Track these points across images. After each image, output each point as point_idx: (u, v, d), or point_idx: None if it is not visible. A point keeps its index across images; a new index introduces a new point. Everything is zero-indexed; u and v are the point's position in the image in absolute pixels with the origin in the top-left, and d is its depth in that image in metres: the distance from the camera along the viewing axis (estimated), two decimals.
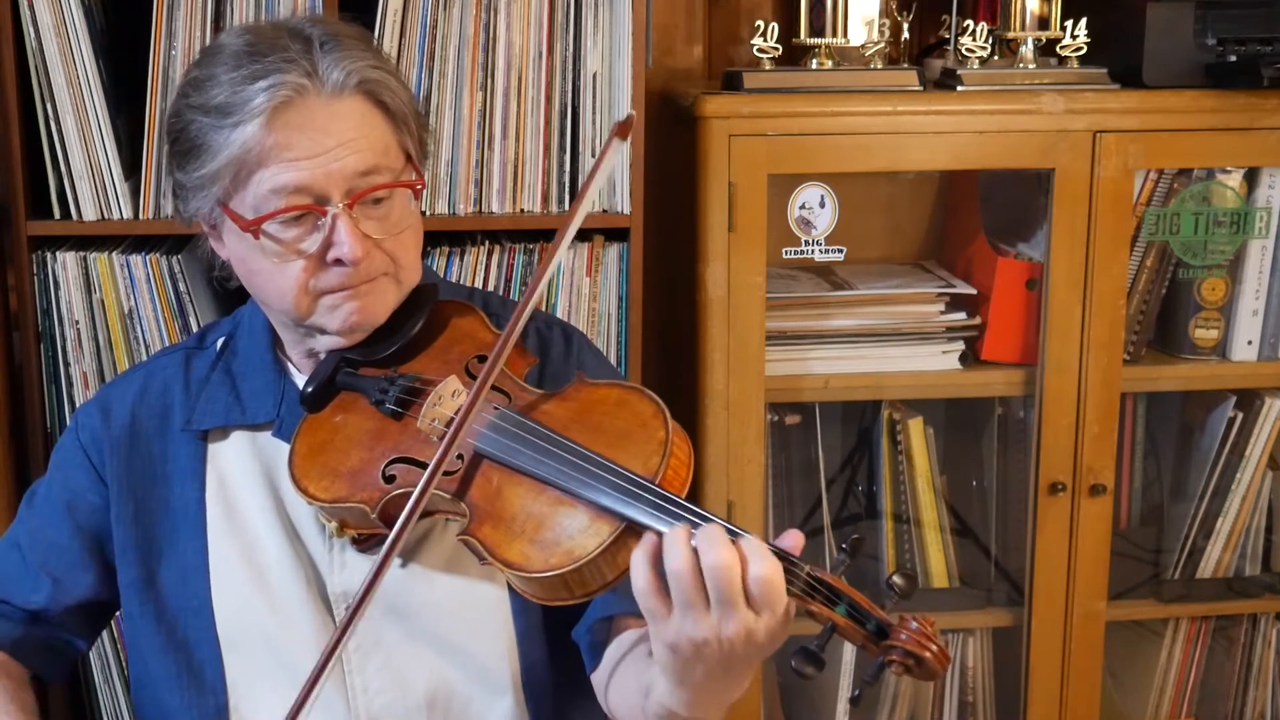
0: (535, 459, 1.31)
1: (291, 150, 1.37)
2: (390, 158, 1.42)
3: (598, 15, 2.05)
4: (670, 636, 1.21)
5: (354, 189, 1.39)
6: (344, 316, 1.43)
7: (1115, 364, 2.23)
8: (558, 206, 2.07)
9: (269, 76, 1.37)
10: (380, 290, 1.44)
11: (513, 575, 1.29)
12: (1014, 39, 2.23)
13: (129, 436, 1.55)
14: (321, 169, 1.37)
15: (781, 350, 2.24)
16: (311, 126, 1.37)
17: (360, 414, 1.44)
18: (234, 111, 1.37)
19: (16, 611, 1.55)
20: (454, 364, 1.45)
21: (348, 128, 1.39)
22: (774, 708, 2.46)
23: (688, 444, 1.32)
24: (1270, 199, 2.30)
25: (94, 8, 1.98)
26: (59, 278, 1.98)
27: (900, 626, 1.20)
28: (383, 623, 1.47)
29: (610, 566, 1.26)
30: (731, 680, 1.25)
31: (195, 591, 1.50)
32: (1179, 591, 2.43)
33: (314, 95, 1.38)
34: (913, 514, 2.36)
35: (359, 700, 1.47)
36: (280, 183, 1.37)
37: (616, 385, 1.39)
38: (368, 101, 1.41)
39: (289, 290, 1.42)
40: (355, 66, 1.40)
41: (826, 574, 1.21)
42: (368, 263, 1.41)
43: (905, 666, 1.20)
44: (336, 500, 1.40)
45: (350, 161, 1.38)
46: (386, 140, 1.42)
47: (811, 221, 2.19)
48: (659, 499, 1.24)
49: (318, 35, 1.41)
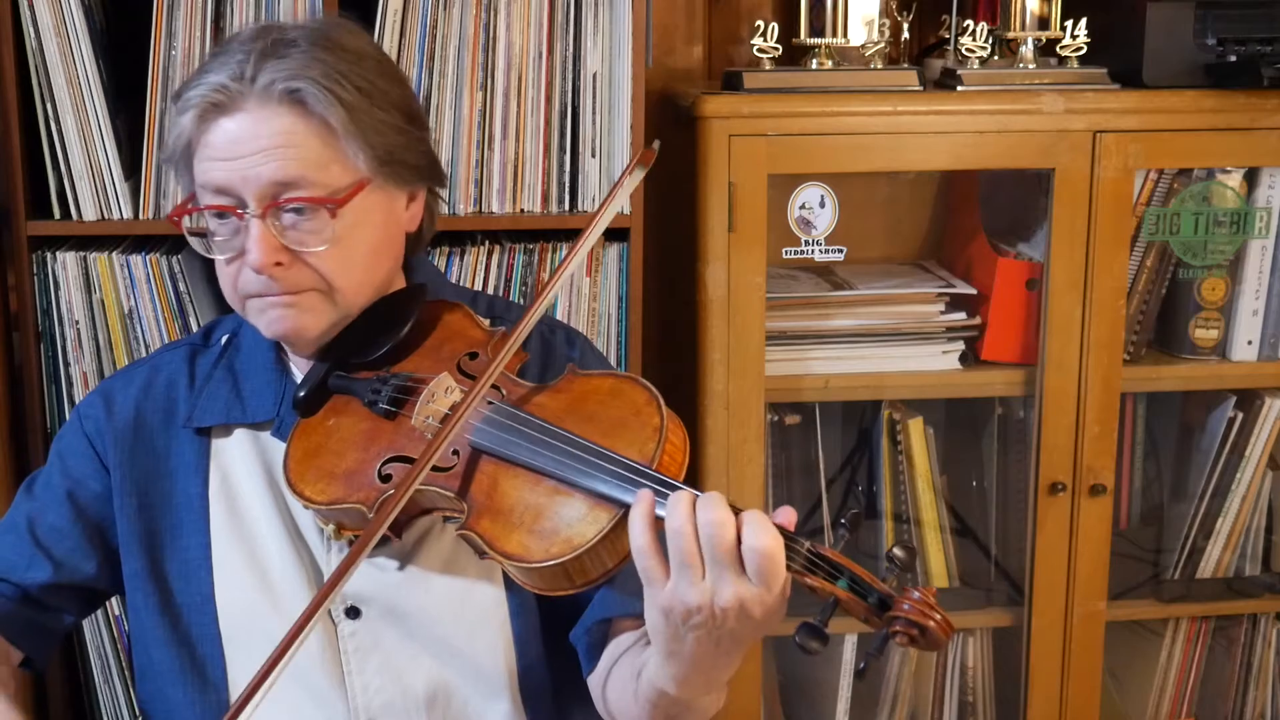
0: (531, 450, 1.32)
1: (211, 149, 1.40)
2: (326, 173, 1.40)
3: (598, 15, 2.05)
4: (664, 600, 1.21)
5: (268, 197, 1.39)
6: (269, 322, 1.44)
7: (1115, 364, 2.23)
8: (557, 207, 2.07)
9: (212, 74, 1.40)
10: (308, 306, 1.43)
11: (513, 567, 1.29)
12: (1014, 39, 2.23)
13: (133, 431, 1.55)
14: (237, 173, 1.38)
15: (781, 350, 2.24)
16: (232, 129, 1.39)
17: (354, 415, 1.44)
18: (182, 103, 1.41)
19: (13, 589, 1.53)
20: (446, 361, 1.45)
21: (272, 134, 1.38)
22: (774, 707, 2.46)
23: (683, 430, 1.33)
24: (1270, 199, 2.30)
25: (94, 8, 1.98)
26: (59, 278, 1.98)
27: (902, 597, 1.20)
28: (381, 623, 1.47)
29: (610, 553, 1.27)
30: (721, 656, 1.25)
31: (198, 587, 1.51)
32: (1179, 591, 2.43)
33: (240, 99, 1.39)
34: (913, 514, 2.36)
35: (358, 700, 1.47)
36: (205, 179, 1.41)
37: (609, 375, 1.40)
38: (296, 111, 1.39)
39: (226, 286, 1.46)
40: (288, 75, 1.38)
41: (826, 549, 1.21)
42: (287, 275, 1.40)
43: (909, 637, 1.19)
44: (333, 502, 1.40)
45: (266, 170, 1.38)
46: (320, 154, 1.39)
47: (811, 221, 2.19)
48: (657, 483, 1.24)
49: (287, 38, 1.41)
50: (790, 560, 1.20)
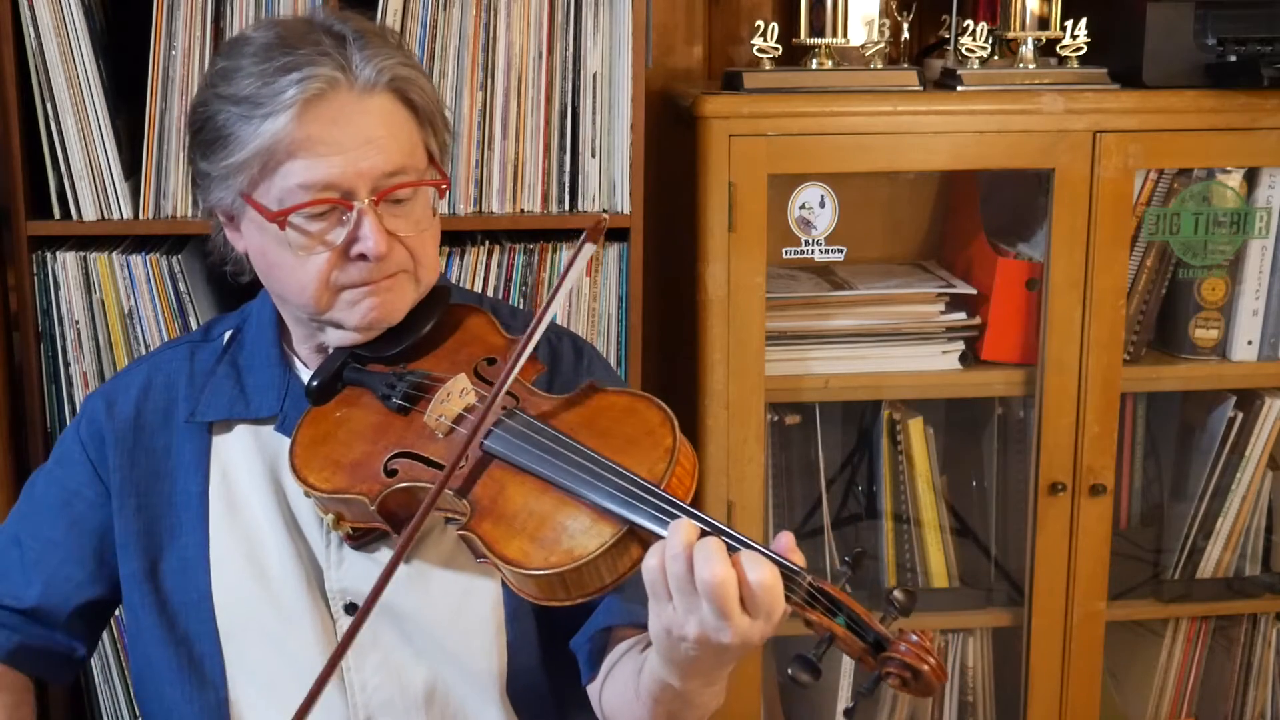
0: (541, 458, 1.32)
1: (321, 144, 1.37)
2: (415, 157, 1.43)
3: (598, 15, 2.05)
4: (667, 621, 1.22)
5: (380, 186, 1.40)
6: (363, 312, 1.44)
7: (1115, 364, 2.23)
8: (557, 207, 2.07)
9: (301, 69, 1.37)
10: (399, 288, 1.45)
11: (509, 572, 1.29)
12: (1014, 39, 2.23)
13: (133, 430, 1.55)
14: (351, 166, 1.38)
15: (781, 350, 2.24)
16: (342, 121, 1.38)
17: (365, 408, 1.45)
18: (264, 103, 1.37)
19: (11, 616, 1.54)
20: (463, 364, 1.45)
21: (377, 125, 1.39)
22: (774, 708, 2.46)
23: (694, 456, 1.33)
24: (1270, 199, 2.30)
25: (94, 8, 1.98)
26: (59, 278, 1.98)
27: (899, 640, 1.20)
28: (379, 622, 1.47)
29: (609, 569, 1.26)
30: (720, 666, 1.27)
31: (195, 584, 1.51)
32: (1179, 591, 2.43)
33: (345, 90, 1.38)
34: (913, 514, 2.36)
35: (357, 697, 1.47)
36: (308, 176, 1.38)
37: (626, 392, 1.39)
38: (397, 100, 1.42)
39: (309, 283, 1.42)
40: (387, 64, 1.40)
41: (828, 584, 1.22)
42: (389, 259, 1.41)
43: (902, 679, 1.20)
44: (336, 491, 1.40)
45: (378, 160, 1.39)
46: (413, 139, 1.43)
47: (811, 221, 2.19)
48: (663, 504, 1.24)
49: (350, 31, 1.41)
50: (790, 593, 1.20)
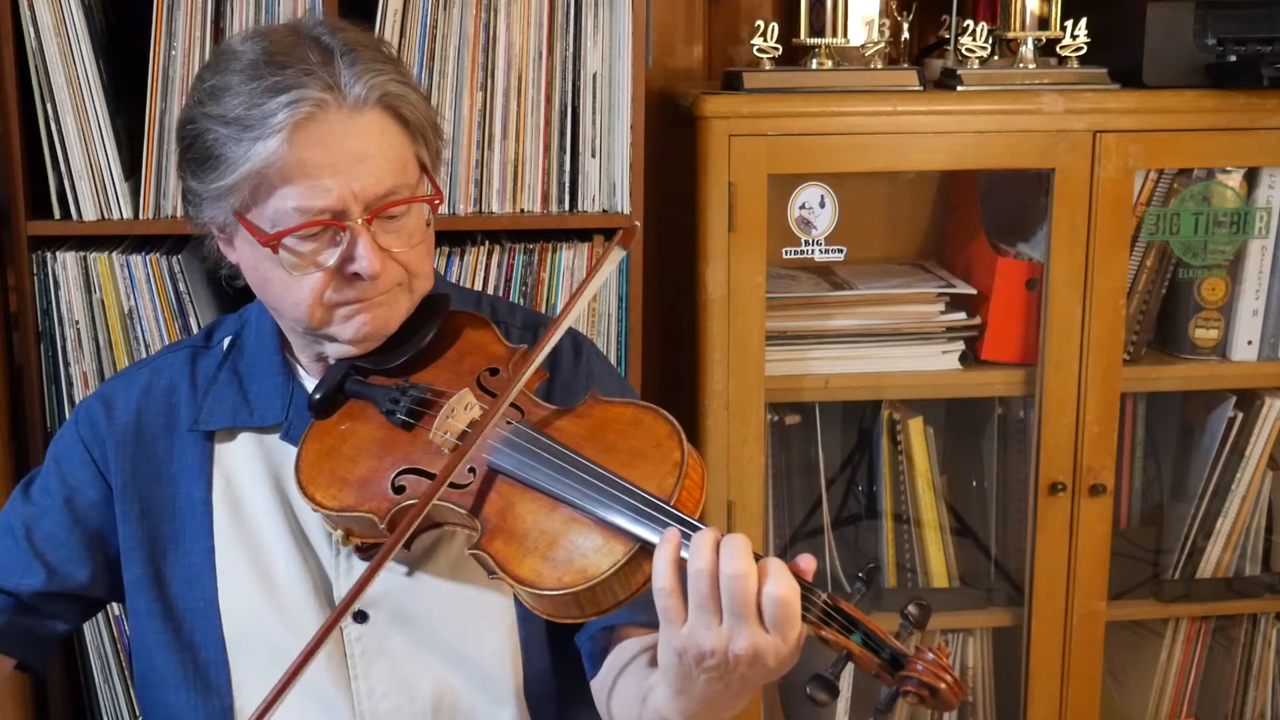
0: (549, 476, 1.30)
1: (313, 167, 1.35)
2: (408, 172, 1.41)
3: (598, 15, 2.05)
4: (679, 642, 1.21)
5: (373, 205, 1.38)
6: (357, 327, 1.42)
7: (1115, 364, 2.23)
8: (557, 207, 2.07)
9: (290, 90, 1.34)
10: (393, 301, 1.43)
11: (523, 591, 1.28)
12: (1014, 39, 2.23)
13: (134, 434, 1.54)
14: (344, 187, 1.36)
15: (781, 350, 2.24)
16: (332, 142, 1.35)
17: (369, 422, 1.43)
18: (254, 125, 1.35)
19: (5, 599, 1.52)
20: (465, 376, 1.44)
21: (368, 143, 1.37)
22: (774, 709, 2.46)
23: (702, 467, 1.32)
24: (1270, 199, 2.30)
25: (94, 8, 1.97)
26: (59, 278, 1.98)
27: (916, 657, 1.19)
28: (388, 628, 1.46)
29: (623, 586, 1.25)
30: (730, 698, 1.25)
31: (202, 592, 1.50)
32: (1179, 591, 2.43)
33: (335, 110, 1.35)
34: (913, 514, 2.36)
35: (364, 705, 1.46)
36: (302, 200, 1.36)
37: (631, 404, 1.38)
38: (388, 115, 1.39)
39: (303, 301, 1.40)
40: (377, 81, 1.37)
41: (843, 602, 1.21)
42: (384, 276, 1.40)
43: (920, 697, 1.19)
44: (344, 509, 1.38)
45: (370, 180, 1.37)
46: (404, 154, 1.41)
47: (811, 221, 2.19)
48: (675, 521, 1.23)
49: (338, 46, 1.38)
50: (806, 611, 1.19)
